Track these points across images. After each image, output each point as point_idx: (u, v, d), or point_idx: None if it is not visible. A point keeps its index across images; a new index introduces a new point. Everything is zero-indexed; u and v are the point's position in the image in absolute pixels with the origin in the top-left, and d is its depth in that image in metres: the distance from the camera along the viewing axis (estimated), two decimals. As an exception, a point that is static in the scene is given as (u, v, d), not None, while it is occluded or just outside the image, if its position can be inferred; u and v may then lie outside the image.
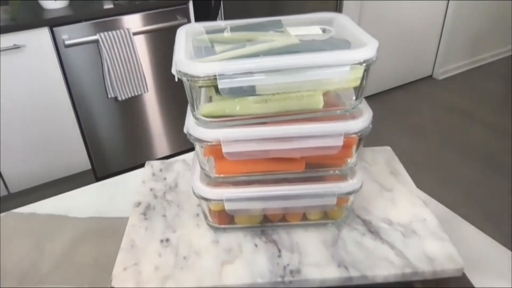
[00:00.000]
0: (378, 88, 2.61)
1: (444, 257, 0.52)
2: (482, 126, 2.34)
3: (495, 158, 2.10)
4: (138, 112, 1.89)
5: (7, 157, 1.66)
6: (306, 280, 0.50)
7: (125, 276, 0.50)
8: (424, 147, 2.18)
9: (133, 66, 1.75)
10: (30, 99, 1.62)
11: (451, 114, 2.45)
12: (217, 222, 0.55)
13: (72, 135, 1.76)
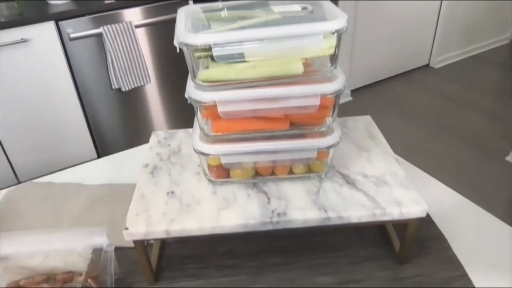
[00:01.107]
0: (375, 78, 2.70)
1: (410, 201, 0.61)
2: (478, 113, 2.43)
3: (490, 144, 2.19)
4: (141, 102, 1.99)
5: (16, 148, 1.77)
6: (291, 220, 0.60)
7: (137, 219, 0.60)
8: (421, 134, 2.27)
9: (135, 57, 1.85)
10: (37, 91, 1.72)
11: (447, 102, 2.54)
12: (215, 177, 0.65)
13: (78, 126, 1.87)
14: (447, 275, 0.65)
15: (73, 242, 0.60)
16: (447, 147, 2.16)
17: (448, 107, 2.49)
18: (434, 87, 2.69)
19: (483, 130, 2.29)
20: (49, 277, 0.64)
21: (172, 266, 0.69)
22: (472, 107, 2.47)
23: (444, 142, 2.19)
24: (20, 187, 0.86)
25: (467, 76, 2.77)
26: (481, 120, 2.36)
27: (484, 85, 2.67)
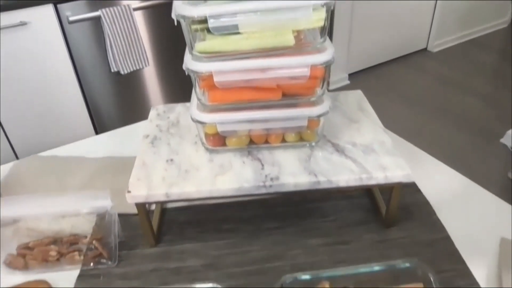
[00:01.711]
0: (373, 61, 2.72)
1: (395, 166, 0.66)
2: (474, 96, 2.46)
3: (485, 126, 2.23)
4: (139, 85, 2.02)
5: (15, 128, 1.80)
6: (283, 184, 0.64)
7: (139, 184, 0.65)
8: (417, 117, 2.31)
9: (134, 40, 1.88)
10: (36, 74, 1.75)
11: (444, 85, 2.57)
12: (211, 145, 0.69)
13: (77, 108, 1.90)
14: (430, 238, 0.70)
15: (78, 205, 0.64)
16: (443, 130, 2.21)
17: (444, 91, 2.52)
18: (432, 70, 2.71)
19: (479, 113, 2.33)
20: (56, 239, 0.69)
21: (171, 231, 0.74)
22: (469, 91, 2.51)
23: (440, 124, 2.23)
24: (25, 160, 0.90)
25: (464, 60, 2.80)
26: (477, 103, 2.40)
27: (481, 69, 2.70)
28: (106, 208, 0.65)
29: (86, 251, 0.68)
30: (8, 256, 0.68)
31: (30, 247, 0.68)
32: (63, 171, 0.86)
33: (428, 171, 0.83)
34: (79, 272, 0.67)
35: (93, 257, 0.67)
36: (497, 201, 0.77)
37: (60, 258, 0.67)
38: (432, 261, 0.64)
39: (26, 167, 0.88)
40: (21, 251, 0.68)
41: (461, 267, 0.65)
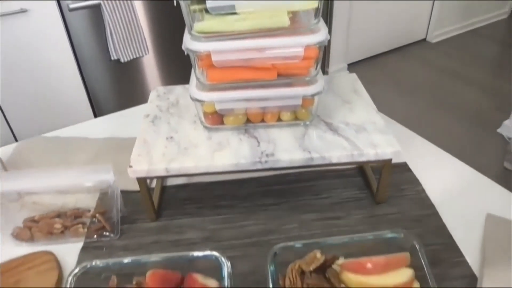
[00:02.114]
0: (372, 52, 2.75)
1: (385, 144, 0.69)
2: (473, 87, 2.49)
3: (483, 116, 2.26)
4: (139, 73, 2.05)
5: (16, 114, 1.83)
6: (278, 160, 0.67)
7: (140, 159, 0.68)
8: (416, 107, 2.33)
9: (134, 29, 1.90)
10: (37, 61, 1.78)
11: (443, 76, 2.60)
12: (210, 123, 0.72)
13: (77, 95, 1.93)
14: (419, 213, 0.73)
15: (81, 179, 0.67)
16: (440, 119, 2.24)
17: (443, 81, 2.55)
18: (431, 61, 2.74)
19: (477, 104, 2.36)
20: (61, 213, 0.73)
21: (171, 207, 0.77)
22: (468, 81, 2.53)
23: (438, 114, 2.26)
24: (29, 141, 0.93)
25: (464, 51, 2.82)
26: (476, 94, 2.43)
27: (480, 60, 2.73)
28: (108, 182, 0.68)
29: (90, 224, 0.72)
30: (15, 228, 0.71)
31: (36, 220, 0.72)
32: (66, 151, 0.90)
33: (419, 152, 0.86)
34: (82, 244, 0.71)
35: (96, 230, 0.71)
36: (485, 180, 0.80)
37: (64, 230, 0.71)
38: (420, 235, 0.68)
39: (30, 147, 0.91)
40: (27, 224, 0.71)
41: (447, 241, 0.69)
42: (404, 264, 0.58)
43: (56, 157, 0.88)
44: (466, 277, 0.63)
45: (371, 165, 0.80)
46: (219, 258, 0.59)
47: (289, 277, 0.58)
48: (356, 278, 0.57)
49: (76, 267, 0.58)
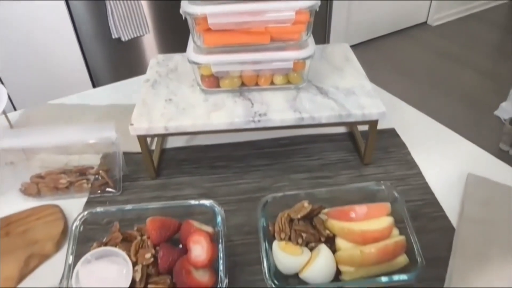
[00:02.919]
0: (372, 34, 2.77)
1: (372, 106, 0.73)
2: (472, 70, 2.52)
3: (481, 99, 2.29)
4: (140, 52, 2.09)
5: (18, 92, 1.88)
6: (270, 119, 0.72)
7: (141, 118, 0.73)
8: (414, 90, 2.37)
9: (134, 7, 1.93)
10: (38, 37, 1.81)
11: (443, 59, 2.62)
12: (206, 86, 0.77)
13: (78, 73, 1.97)
14: (404, 173, 0.78)
15: (85, 136, 0.72)
16: (439, 102, 2.27)
17: (443, 64, 2.57)
18: (431, 44, 2.76)
19: (475, 87, 2.39)
20: (66, 170, 0.78)
21: (170, 167, 0.82)
22: (467, 65, 2.56)
23: (437, 97, 2.30)
24: (35, 107, 0.98)
25: (464, 35, 2.84)
26: (474, 77, 2.46)
27: (480, 44, 2.75)
28: (111, 139, 0.73)
29: (93, 181, 0.77)
30: (23, 184, 0.76)
31: (43, 176, 0.77)
32: (70, 116, 0.94)
33: (407, 119, 0.91)
34: (86, 199, 0.76)
35: (99, 186, 0.76)
36: (468, 144, 0.85)
37: (69, 186, 0.76)
38: (403, 191, 0.72)
39: (37, 113, 0.96)
40: (34, 180, 0.76)
41: (429, 197, 0.74)
42: (385, 212, 0.63)
43: (61, 122, 0.93)
44: (444, 229, 0.68)
45: (360, 130, 0.84)
46: (213, 206, 0.64)
47: (278, 223, 0.63)
48: (339, 224, 0.62)
49: (81, 213, 0.64)
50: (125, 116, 0.87)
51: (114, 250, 0.61)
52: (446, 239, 0.67)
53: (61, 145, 0.74)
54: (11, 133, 0.74)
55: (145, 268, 0.60)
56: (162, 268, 0.60)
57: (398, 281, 0.57)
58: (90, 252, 0.61)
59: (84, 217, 0.63)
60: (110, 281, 0.59)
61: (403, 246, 0.60)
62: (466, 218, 0.68)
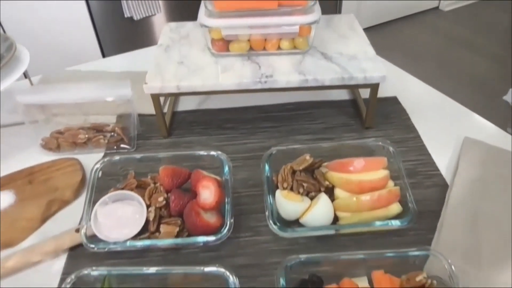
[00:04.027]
0: (383, 18, 2.79)
1: (373, 70, 0.78)
2: (484, 56, 2.53)
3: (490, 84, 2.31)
4: (151, 31, 2.14)
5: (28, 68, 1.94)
6: (276, 81, 0.77)
7: (154, 77, 0.78)
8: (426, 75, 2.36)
9: (147, -14, 1.98)
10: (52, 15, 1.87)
11: (454, 44, 2.63)
12: (216, 50, 0.82)
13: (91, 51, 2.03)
14: (403, 136, 0.83)
15: (103, 92, 0.78)
16: (449, 86, 2.27)
17: (453, 50, 2.59)
18: (442, 30, 2.77)
19: (486, 72, 2.40)
20: (84, 127, 0.83)
21: (181, 127, 0.87)
22: (478, 50, 2.57)
23: (447, 81, 2.32)
24: (53, 74, 1.04)
25: (475, 20, 2.84)
26: (485, 62, 2.47)
27: (492, 30, 2.75)
28: (127, 97, 0.78)
29: (110, 137, 0.82)
30: (43, 138, 0.82)
31: (62, 132, 0.83)
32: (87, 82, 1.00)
33: (409, 88, 0.95)
34: (103, 154, 0.82)
35: (115, 142, 0.82)
36: (468, 112, 0.89)
37: (87, 142, 0.82)
38: (401, 152, 0.77)
39: (53, 79, 1.02)
40: (54, 135, 0.82)
41: (426, 158, 0.78)
42: (381, 166, 0.68)
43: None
44: (438, 186, 0.73)
45: (364, 98, 0.89)
46: (220, 155, 0.69)
47: (281, 174, 0.68)
48: (338, 175, 0.67)
49: (101, 159, 0.70)
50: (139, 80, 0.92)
51: (130, 193, 0.67)
52: (439, 194, 0.71)
53: (79, 102, 0.79)
54: (31, 90, 0.80)
55: (158, 210, 0.66)
56: (173, 211, 0.65)
57: (391, 226, 0.62)
58: (108, 195, 0.67)
59: (104, 163, 0.69)
60: (126, 220, 0.65)
61: (397, 195, 0.65)
62: (460, 175, 0.72)
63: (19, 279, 0.64)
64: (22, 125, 0.85)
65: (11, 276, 0.64)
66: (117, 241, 0.62)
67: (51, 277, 0.63)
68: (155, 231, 0.64)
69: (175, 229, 0.64)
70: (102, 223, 0.64)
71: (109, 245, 0.62)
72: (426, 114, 0.88)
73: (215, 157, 0.70)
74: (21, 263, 0.64)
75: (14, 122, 0.88)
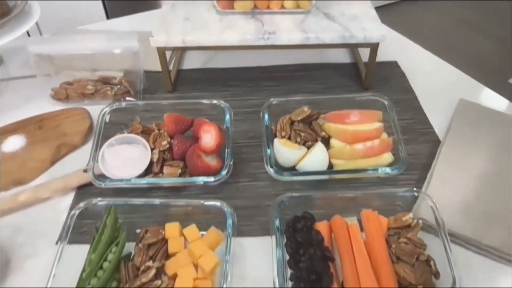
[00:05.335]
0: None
1: (373, 29, 0.81)
2: (492, 39, 2.53)
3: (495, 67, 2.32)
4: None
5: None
6: (279, 38, 0.80)
7: (161, 32, 0.81)
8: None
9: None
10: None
11: (462, 27, 2.63)
12: (221, 7, 0.85)
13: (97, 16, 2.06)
14: (400, 97, 0.86)
15: (110, 44, 0.81)
16: (453, 68, 2.30)
17: (461, 32, 2.59)
18: (452, 12, 2.77)
19: (493, 55, 2.41)
20: (92, 79, 0.87)
21: (186, 84, 0.91)
22: (487, 34, 2.57)
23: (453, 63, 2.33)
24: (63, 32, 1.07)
25: (485, 3, 2.83)
26: (493, 46, 2.47)
27: (500, 13, 2.74)
28: (134, 48, 0.82)
29: (117, 90, 0.86)
30: (53, 88, 0.86)
31: (71, 83, 0.86)
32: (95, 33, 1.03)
33: (410, 53, 0.98)
34: (110, 105, 0.86)
35: (122, 94, 0.86)
36: (467, 78, 0.92)
37: (95, 93, 0.85)
38: (397, 112, 0.80)
39: (63, 35, 1.05)
40: (63, 86, 0.86)
41: (421, 116, 0.82)
42: (376, 119, 0.71)
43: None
44: (431, 142, 0.77)
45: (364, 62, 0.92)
46: (222, 105, 0.73)
47: (280, 124, 0.72)
48: (334, 126, 0.70)
49: (107, 106, 0.74)
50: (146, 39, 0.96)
51: (135, 137, 0.71)
52: (431, 149, 0.75)
53: (87, 55, 0.83)
54: (42, 40, 0.84)
55: (161, 153, 0.70)
56: (176, 154, 0.70)
57: (382, 173, 0.66)
58: (114, 137, 0.71)
59: (112, 107, 0.73)
60: (132, 161, 0.69)
61: (389, 145, 0.68)
62: (452, 132, 0.76)
63: (30, 212, 0.68)
64: (33, 77, 0.89)
65: (22, 209, 0.68)
66: (123, 178, 0.66)
67: (60, 212, 0.68)
68: (158, 172, 0.69)
69: (177, 170, 0.68)
70: (109, 163, 0.69)
71: (116, 182, 0.66)
72: (425, 77, 0.91)
73: (217, 106, 0.74)
74: (31, 198, 0.69)
75: (26, 75, 0.92)
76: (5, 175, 0.72)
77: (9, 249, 0.63)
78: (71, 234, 0.58)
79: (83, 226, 0.61)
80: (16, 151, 0.75)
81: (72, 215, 0.59)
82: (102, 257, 0.56)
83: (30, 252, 0.63)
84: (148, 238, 0.58)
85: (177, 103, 0.77)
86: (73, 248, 0.58)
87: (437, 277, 0.55)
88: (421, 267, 0.55)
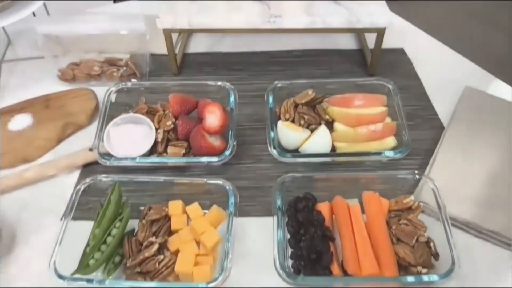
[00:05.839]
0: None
1: (380, 14, 0.80)
2: (501, 31, 2.50)
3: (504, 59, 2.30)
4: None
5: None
6: (285, 21, 0.80)
7: (167, 14, 0.81)
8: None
9: None
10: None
11: (472, 19, 2.61)
12: (229, -10, 0.85)
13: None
14: (406, 84, 0.86)
15: (117, 25, 0.82)
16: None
17: (470, 23, 2.57)
18: (461, 3, 2.74)
19: (501, 47, 2.39)
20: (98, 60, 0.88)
21: (191, 67, 0.92)
22: (496, 25, 2.55)
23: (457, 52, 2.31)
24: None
25: (498, -4, 2.81)
26: (501, 37, 2.45)
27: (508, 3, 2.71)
28: (140, 30, 0.82)
29: (123, 71, 0.87)
30: (60, 69, 0.87)
31: (78, 64, 0.87)
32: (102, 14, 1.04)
33: (417, 40, 0.98)
34: (116, 87, 0.87)
35: (127, 76, 0.86)
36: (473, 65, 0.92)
37: (101, 74, 0.86)
38: (403, 98, 0.80)
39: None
40: (70, 66, 0.87)
41: (426, 103, 0.82)
42: (380, 103, 0.72)
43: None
44: (435, 128, 0.77)
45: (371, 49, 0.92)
46: (227, 86, 0.74)
47: (284, 106, 0.73)
48: (338, 110, 0.71)
49: (113, 86, 0.75)
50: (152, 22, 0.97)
51: (140, 117, 0.72)
52: (435, 135, 0.75)
53: (94, 35, 0.84)
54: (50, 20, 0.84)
55: (166, 133, 0.71)
56: (180, 135, 0.70)
57: (385, 156, 0.66)
58: (120, 116, 0.72)
59: (118, 87, 0.73)
60: (136, 140, 0.70)
61: (393, 129, 0.69)
62: (456, 118, 0.76)
63: (36, 189, 0.70)
64: (41, 59, 0.90)
65: (28, 186, 0.70)
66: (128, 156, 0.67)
67: (65, 189, 0.69)
68: (162, 152, 0.70)
69: (182, 150, 0.69)
70: (114, 141, 0.70)
71: (121, 160, 0.67)
72: (431, 65, 0.91)
73: (222, 87, 0.74)
74: (38, 175, 0.70)
75: (34, 56, 0.93)
76: (12, 153, 0.73)
77: (15, 224, 0.65)
78: (76, 210, 0.60)
79: (88, 203, 0.62)
80: (23, 130, 0.77)
81: (78, 190, 0.60)
82: (106, 232, 0.57)
83: (36, 227, 0.65)
84: (152, 214, 0.59)
85: (182, 85, 0.78)
86: (78, 224, 0.59)
87: (436, 258, 0.55)
88: (421, 248, 0.55)
